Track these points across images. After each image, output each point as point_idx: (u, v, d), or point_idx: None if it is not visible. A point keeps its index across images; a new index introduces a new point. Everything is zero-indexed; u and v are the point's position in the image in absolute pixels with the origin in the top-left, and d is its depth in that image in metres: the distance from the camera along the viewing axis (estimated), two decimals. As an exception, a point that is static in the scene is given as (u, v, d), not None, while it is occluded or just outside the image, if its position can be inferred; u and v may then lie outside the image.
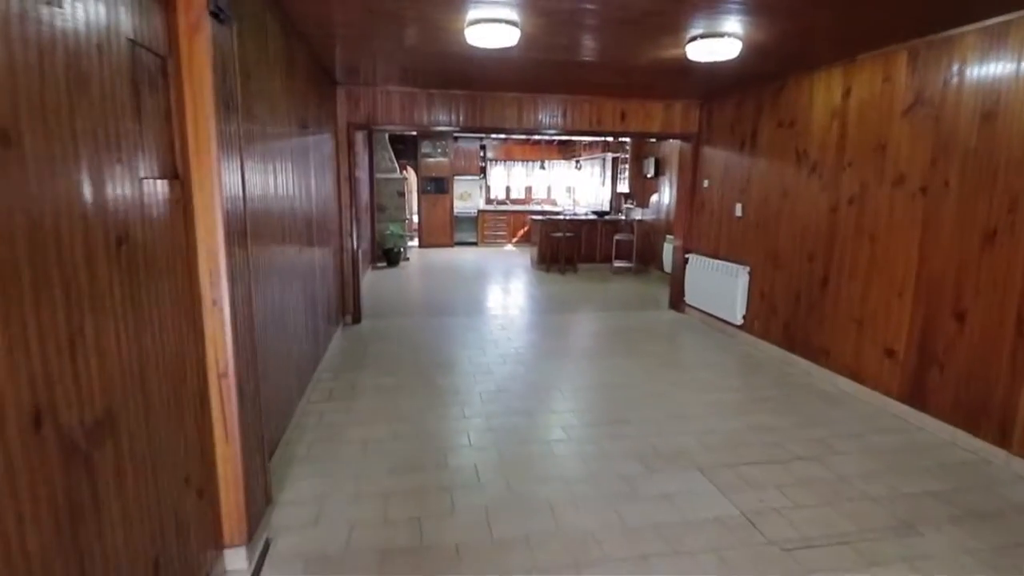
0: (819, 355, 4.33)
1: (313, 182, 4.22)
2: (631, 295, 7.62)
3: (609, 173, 11.11)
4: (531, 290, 7.88)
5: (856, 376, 3.97)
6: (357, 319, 5.69)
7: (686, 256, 6.23)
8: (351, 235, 5.51)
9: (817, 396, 3.94)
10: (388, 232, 9.69)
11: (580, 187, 13.02)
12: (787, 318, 4.74)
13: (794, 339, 4.64)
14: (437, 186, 12.37)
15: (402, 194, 10.17)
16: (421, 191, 12.32)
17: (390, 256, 9.56)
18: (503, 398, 3.79)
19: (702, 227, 6.08)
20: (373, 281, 8.23)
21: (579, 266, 9.55)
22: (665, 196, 8.81)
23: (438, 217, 12.43)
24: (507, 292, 7.69)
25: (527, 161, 13.06)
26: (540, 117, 5.82)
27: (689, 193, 6.26)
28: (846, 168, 4.07)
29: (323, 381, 4.01)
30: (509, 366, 4.46)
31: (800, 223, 4.57)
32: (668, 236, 8.39)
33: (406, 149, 12.87)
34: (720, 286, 5.51)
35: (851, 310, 4.02)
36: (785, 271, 4.76)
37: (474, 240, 12.77)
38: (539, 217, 9.59)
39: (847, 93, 4.06)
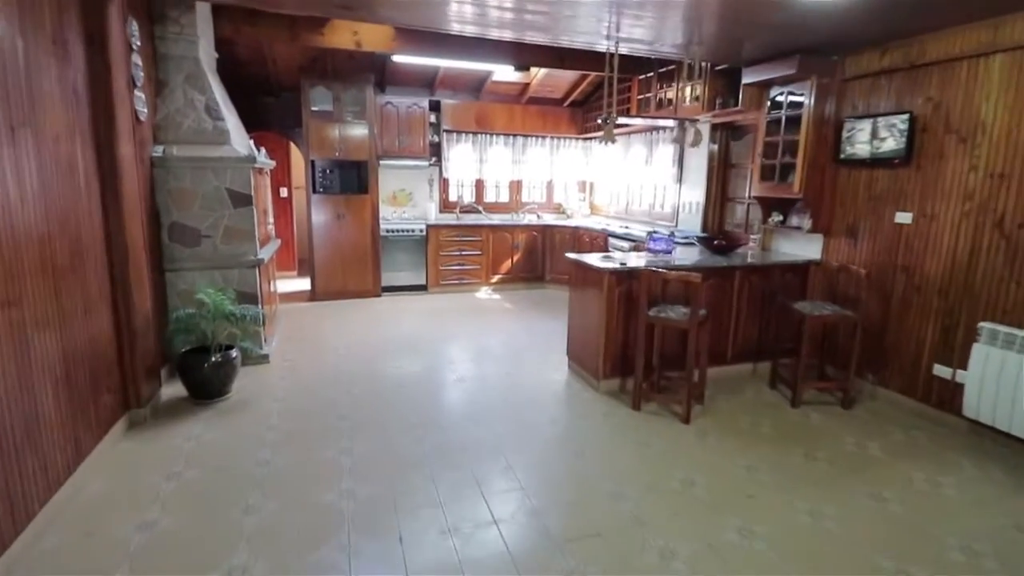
0: None
1: None
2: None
3: (698, 159, 5.49)
4: None
5: None
6: None
7: None
8: None
9: None
10: (186, 314, 3.55)
11: (607, 182, 7.33)
12: None
13: None
14: (345, 179, 6.28)
15: (247, 199, 4.07)
16: (312, 188, 6.19)
17: (195, 375, 3.44)
18: None
19: None
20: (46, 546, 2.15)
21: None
22: (956, 204, 3.30)
23: (348, 240, 6.35)
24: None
25: (515, 136, 7.21)
26: None
27: None
28: None
29: None
30: None
31: None
32: (985, 325, 2.87)
33: (281, 108, 6.68)
34: None
35: None
36: None
37: (421, 282, 6.78)
38: (606, 265, 3.78)
39: None
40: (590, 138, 7.41)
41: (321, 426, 3.20)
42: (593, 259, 3.89)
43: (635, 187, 6.71)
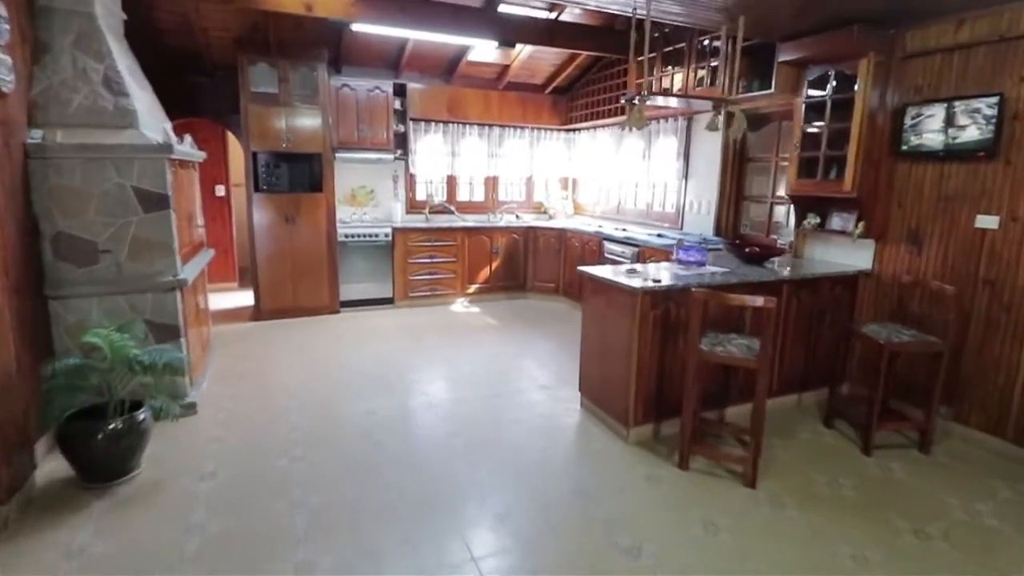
0: None
1: None
2: None
3: (707, 152, 4.82)
4: None
5: None
6: None
7: None
8: None
9: None
10: (70, 366, 2.54)
11: (595, 178, 6.61)
12: None
13: None
14: (294, 175, 5.30)
15: (163, 201, 3.08)
16: (254, 185, 5.17)
17: (85, 450, 2.46)
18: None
19: None
20: None
21: (729, 412, 3.23)
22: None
23: (298, 246, 5.36)
24: None
25: (491, 126, 6.37)
26: None
27: None
28: None
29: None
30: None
31: None
32: None
33: (215, 89, 5.63)
34: None
35: None
36: None
37: (387, 295, 5.85)
38: (635, 283, 3.01)
39: None
40: (574, 129, 6.66)
41: (267, 523, 2.29)
42: (615, 274, 3.13)
43: (629, 184, 6.01)
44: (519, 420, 3.32)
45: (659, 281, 2.94)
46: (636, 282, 2.91)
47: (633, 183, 5.91)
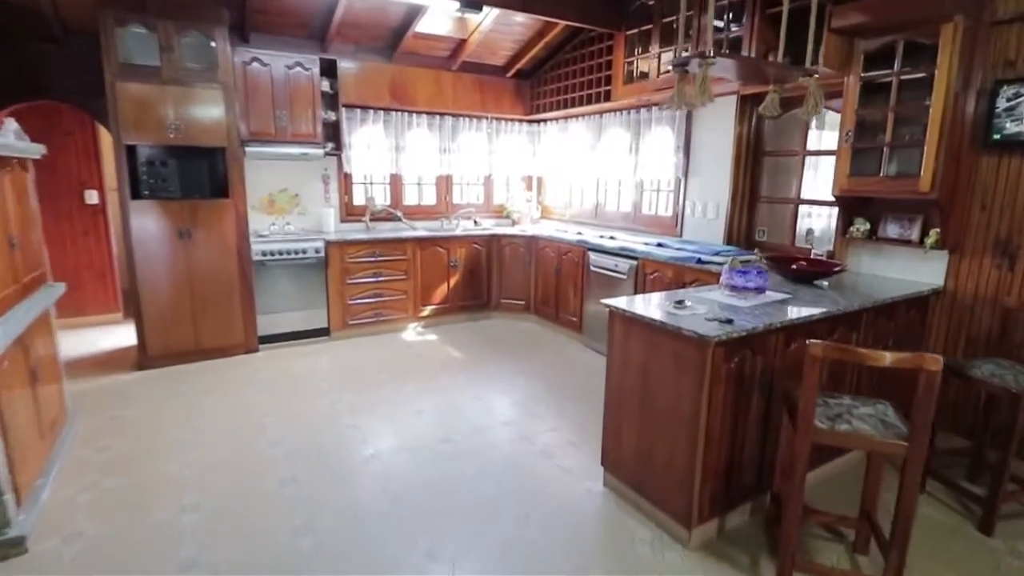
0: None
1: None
2: None
3: (712, 145, 4.05)
4: None
5: None
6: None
7: None
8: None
9: None
10: None
11: (567, 177, 5.73)
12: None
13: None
14: (189, 175, 4.04)
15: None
16: (132, 191, 3.85)
17: None
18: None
19: None
20: None
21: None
22: None
23: (199, 268, 4.10)
24: None
25: (443, 116, 5.31)
26: None
27: None
28: None
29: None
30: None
31: None
32: None
33: (72, 62, 4.25)
34: None
35: None
36: None
37: (321, 325, 4.68)
38: (700, 327, 2.13)
39: None
40: (539, 120, 5.75)
41: None
42: (657, 309, 2.24)
43: (611, 183, 5.18)
44: (526, 514, 2.36)
45: (730, 322, 2.07)
46: (699, 326, 2.03)
47: (616, 182, 5.09)
